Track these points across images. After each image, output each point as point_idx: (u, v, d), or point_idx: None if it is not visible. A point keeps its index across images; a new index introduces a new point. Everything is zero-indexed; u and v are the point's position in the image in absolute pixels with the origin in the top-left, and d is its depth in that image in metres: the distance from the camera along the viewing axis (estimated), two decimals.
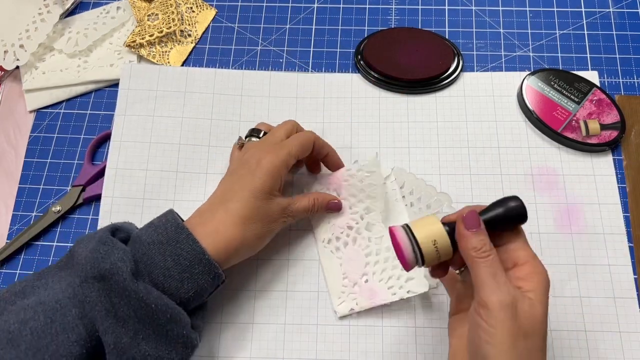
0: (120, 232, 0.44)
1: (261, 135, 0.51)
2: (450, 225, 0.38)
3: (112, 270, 0.39)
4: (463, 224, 0.37)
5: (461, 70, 0.59)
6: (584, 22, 0.62)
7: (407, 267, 0.38)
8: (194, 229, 0.44)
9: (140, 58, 0.62)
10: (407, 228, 0.38)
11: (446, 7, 0.63)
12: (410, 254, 0.38)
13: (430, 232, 0.38)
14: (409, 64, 0.58)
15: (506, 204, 0.38)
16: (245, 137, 0.52)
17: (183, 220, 0.45)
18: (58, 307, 0.40)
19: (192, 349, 0.42)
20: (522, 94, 0.56)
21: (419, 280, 0.48)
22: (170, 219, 0.44)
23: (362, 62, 0.59)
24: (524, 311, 0.35)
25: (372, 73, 0.58)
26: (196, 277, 0.42)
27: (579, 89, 0.56)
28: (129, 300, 0.39)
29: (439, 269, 0.41)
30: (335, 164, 0.52)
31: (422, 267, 0.39)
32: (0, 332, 0.39)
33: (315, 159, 0.52)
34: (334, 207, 0.51)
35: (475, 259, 0.36)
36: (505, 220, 0.38)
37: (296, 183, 0.54)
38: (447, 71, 0.58)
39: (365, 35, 0.62)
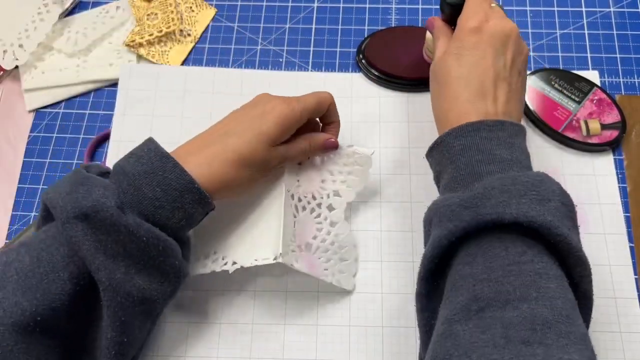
0: (92, 169, 0.42)
1: None
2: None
3: (96, 207, 0.38)
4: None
5: None
6: (585, 21, 0.62)
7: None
8: (183, 158, 0.42)
9: (140, 58, 0.61)
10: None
11: None
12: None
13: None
14: (412, 63, 0.58)
15: None
16: None
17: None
18: (43, 247, 0.39)
19: (184, 278, 0.43)
20: None
21: (349, 277, 0.50)
22: (152, 148, 0.42)
23: (363, 61, 0.59)
24: (435, 62, 0.46)
25: (374, 72, 0.58)
26: (187, 206, 0.41)
27: (579, 88, 0.56)
28: (117, 236, 0.38)
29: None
30: (335, 136, 0.51)
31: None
32: None
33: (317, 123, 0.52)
34: (330, 146, 0.49)
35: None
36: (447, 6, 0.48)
37: None
38: None
39: (366, 35, 0.61)
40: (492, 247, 0.36)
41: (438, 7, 0.63)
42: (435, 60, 0.47)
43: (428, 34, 0.53)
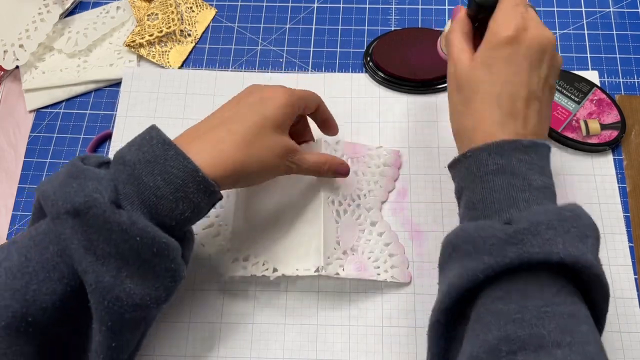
0: (92, 159, 0.40)
1: None
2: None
3: (88, 203, 0.35)
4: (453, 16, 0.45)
5: None
6: (584, 21, 0.62)
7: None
8: (186, 145, 0.39)
9: (140, 58, 0.62)
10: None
11: (446, 7, 0.63)
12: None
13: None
14: (419, 65, 0.58)
15: None
16: None
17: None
18: (32, 245, 0.37)
19: (180, 282, 0.40)
20: None
21: (402, 270, 0.50)
22: (154, 135, 0.39)
23: (371, 63, 0.59)
24: (458, 68, 0.42)
25: (381, 74, 0.58)
26: (191, 196, 0.38)
27: (579, 88, 0.56)
28: (109, 235, 0.36)
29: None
30: (335, 128, 0.52)
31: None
32: None
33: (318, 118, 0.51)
34: (342, 171, 0.48)
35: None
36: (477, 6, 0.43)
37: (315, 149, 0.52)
38: None
39: (366, 35, 0.62)
40: (528, 284, 0.34)
41: (438, 6, 0.64)
42: (458, 64, 0.42)
43: (448, 24, 0.47)
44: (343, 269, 0.48)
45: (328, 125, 0.51)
